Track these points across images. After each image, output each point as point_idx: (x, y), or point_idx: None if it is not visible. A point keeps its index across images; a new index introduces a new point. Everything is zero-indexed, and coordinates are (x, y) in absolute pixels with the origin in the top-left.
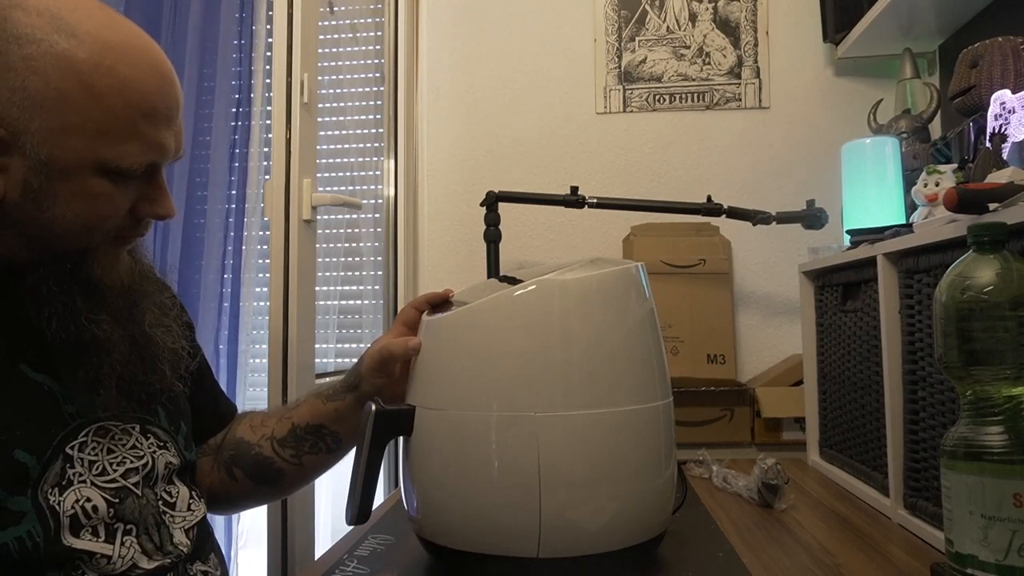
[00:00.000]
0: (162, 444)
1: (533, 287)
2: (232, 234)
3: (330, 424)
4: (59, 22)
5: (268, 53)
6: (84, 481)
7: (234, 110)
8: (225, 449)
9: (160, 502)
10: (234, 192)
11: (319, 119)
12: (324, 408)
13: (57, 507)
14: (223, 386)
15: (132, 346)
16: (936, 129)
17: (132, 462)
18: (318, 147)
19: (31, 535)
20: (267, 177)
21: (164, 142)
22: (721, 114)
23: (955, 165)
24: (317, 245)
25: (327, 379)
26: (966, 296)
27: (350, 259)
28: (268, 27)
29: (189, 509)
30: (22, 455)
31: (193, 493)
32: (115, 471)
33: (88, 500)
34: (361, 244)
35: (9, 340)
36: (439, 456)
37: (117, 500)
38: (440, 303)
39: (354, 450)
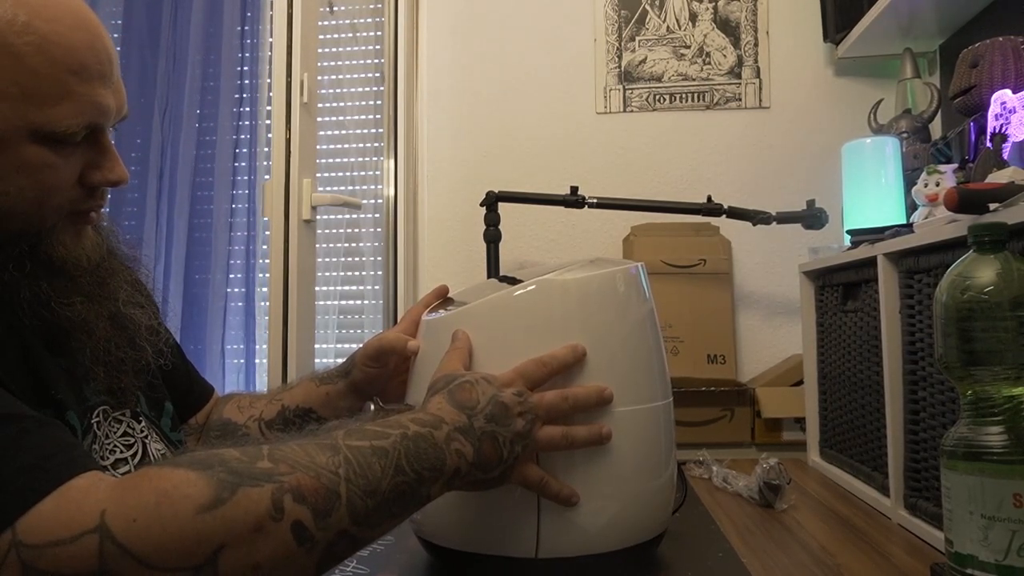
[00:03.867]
0: (148, 430)
1: (533, 287)
2: (241, 233)
3: (319, 408)
4: None
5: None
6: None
7: (236, 110)
8: (210, 430)
9: None
10: (241, 192)
11: (319, 119)
12: (316, 391)
13: None
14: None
15: (112, 324)
16: (936, 129)
17: (122, 451)
18: (318, 147)
19: None
20: (267, 177)
21: (101, 100)
22: (721, 114)
23: (955, 165)
24: (317, 245)
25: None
26: (966, 296)
27: (350, 259)
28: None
29: None
30: (73, 418)
31: None
32: (107, 460)
33: None
34: (361, 244)
35: (27, 327)
36: None
37: None
38: (439, 300)
39: None
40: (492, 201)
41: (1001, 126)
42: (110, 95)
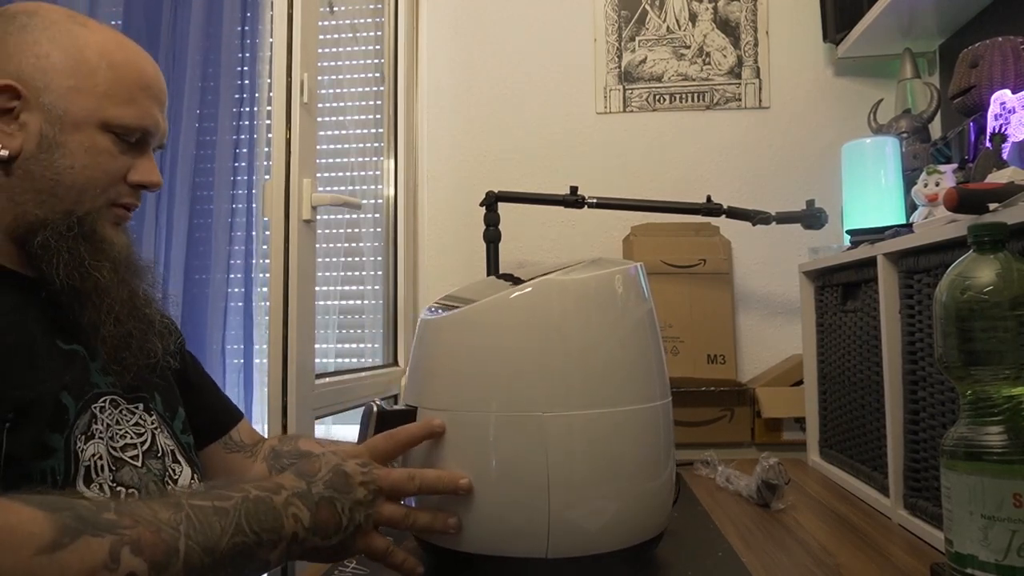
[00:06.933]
0: (160, 425)
1: (532, 287)
2: (240, 233)
3: None
4: (76, 17)
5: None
6: (101, 439)
7: (236, 110)
8: (280, 458)
9: (165, 474)
10: (241, 192)
11: (319, 119)
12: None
13: (80, 453)
14: (236, 389)
15: (131, 298)
16: (936, 129)
17: (132, 438)
18: (318, 147)
19: (54, 472)
20: (267, 177)
21: (156, 116)
22: (721, 114)
23: (955, 165)
24: (317, 245)
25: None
26: (966, 296)
27: (350, 259)
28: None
29: (191, 487)
30: (66, 398)
31: (195, 474)
32: (117, 443)
33: (100, 457)
34: (361, 244)
35: (45, 321)
36: (444, 458)
37: (115, 468)
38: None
39: None
40: (492, 201)
41: (1001, 126)
42: (162, 118)
